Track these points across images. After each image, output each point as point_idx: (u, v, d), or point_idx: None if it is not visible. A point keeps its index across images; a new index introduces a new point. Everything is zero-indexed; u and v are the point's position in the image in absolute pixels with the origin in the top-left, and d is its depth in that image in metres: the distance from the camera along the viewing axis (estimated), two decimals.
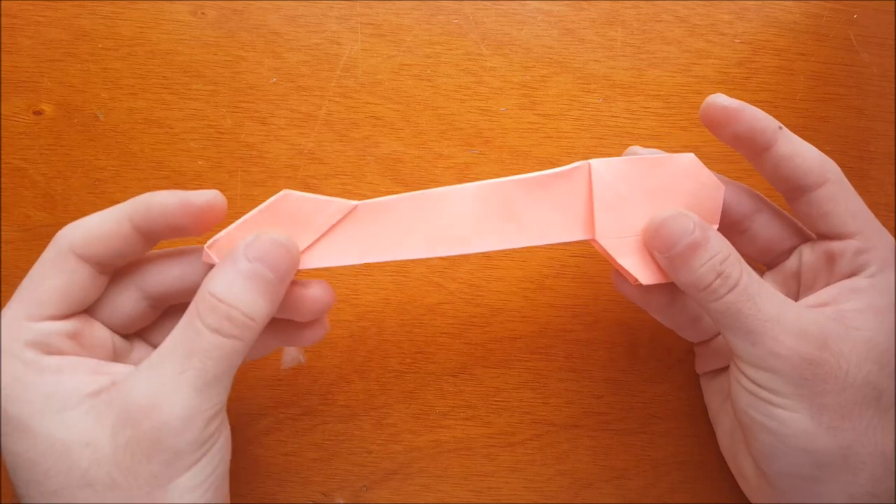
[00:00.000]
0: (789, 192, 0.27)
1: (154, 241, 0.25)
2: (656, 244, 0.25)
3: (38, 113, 0.33)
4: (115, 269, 0.26)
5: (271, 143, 0.34)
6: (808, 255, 0.28)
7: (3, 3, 0.33)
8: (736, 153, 0.34)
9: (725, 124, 0.26)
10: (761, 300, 0.24)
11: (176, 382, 0.22)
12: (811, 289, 0.27)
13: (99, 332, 0.26)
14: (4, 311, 0.24)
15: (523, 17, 0.34)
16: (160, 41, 0.33)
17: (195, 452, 0.22)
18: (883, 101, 0.34)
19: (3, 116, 0.33)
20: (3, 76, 0.33)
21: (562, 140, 0.34)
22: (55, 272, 0.24)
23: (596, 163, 0.26)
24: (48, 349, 0.23)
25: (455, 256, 0.31)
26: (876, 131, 0.34)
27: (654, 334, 0.33)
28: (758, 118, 0.26)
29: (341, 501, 0.33)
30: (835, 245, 0.26)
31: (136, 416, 0.22)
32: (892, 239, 0.26)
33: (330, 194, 0.34)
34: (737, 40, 0.34)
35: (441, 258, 0.33)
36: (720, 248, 0.25)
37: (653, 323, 0.34)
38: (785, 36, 0.34)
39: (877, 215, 0.27)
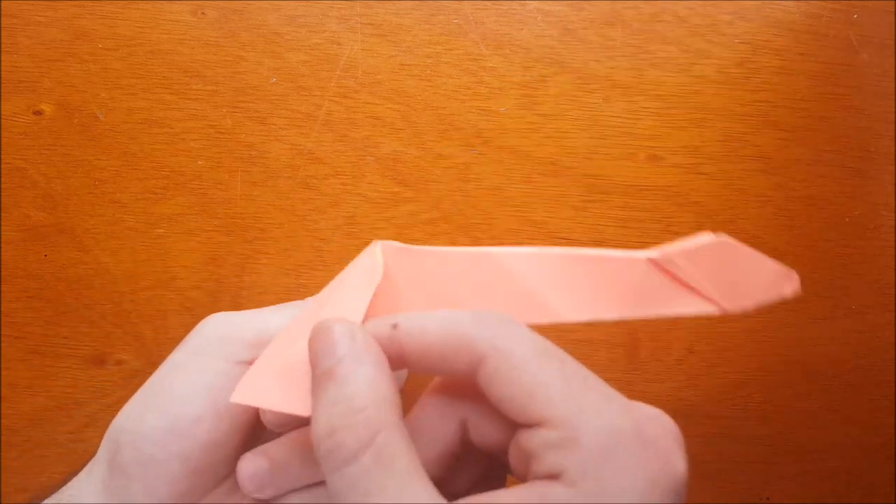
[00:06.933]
0: (462, 391, 0.21)
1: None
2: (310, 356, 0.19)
3: (38, 113, 0.33)
4: None
5: (271, 143, 0.34)
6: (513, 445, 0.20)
7: (3, 3, 0.33)
8: (735, 153, 0.34)
9: None
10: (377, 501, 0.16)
11: None
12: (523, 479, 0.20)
13: None
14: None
15: (523, 17, 0.34)
16: (160, 41, 0.33)
17: None
18: (883, 101, 0.34)
19: (3, 116, 0.33)
20: (3, 76, 0.33)
21: (562, 140, 0.34)
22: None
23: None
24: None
25: None
26: (876, 131, 0.34)
27: (654, 334, 0.33)
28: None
29: None
30: (523, 435, 0.19)
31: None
32: (612, 418, 0.18)
33: (330, 194, 0.34)
34: (737, 40, 0.34)
35: None
36: (355, 396, 0.17)
37: (653, 323, 0.34)
38: (785, 36, 0.34)
39: (877, 215, 0.26)
